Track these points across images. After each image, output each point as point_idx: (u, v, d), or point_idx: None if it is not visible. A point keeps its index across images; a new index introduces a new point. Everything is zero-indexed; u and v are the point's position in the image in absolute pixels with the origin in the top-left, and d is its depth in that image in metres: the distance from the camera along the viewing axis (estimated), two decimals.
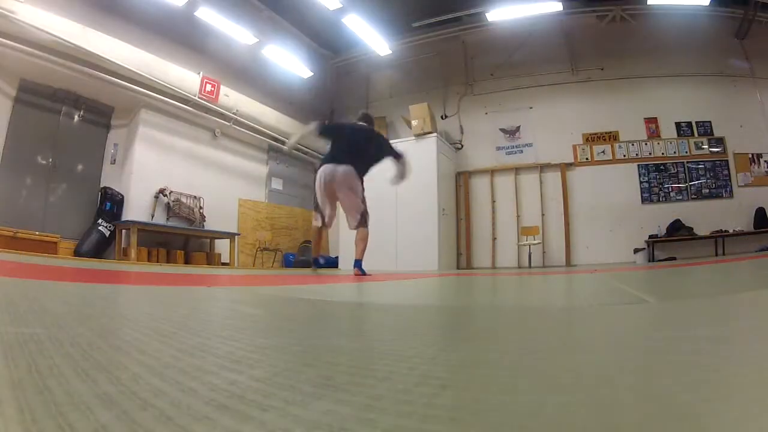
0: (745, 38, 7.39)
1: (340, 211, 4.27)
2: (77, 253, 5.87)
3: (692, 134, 7.47)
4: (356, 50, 9.66)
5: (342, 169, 3.95)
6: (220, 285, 2.10)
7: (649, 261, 6.97)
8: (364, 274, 3.78)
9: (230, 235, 7.42)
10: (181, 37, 7.04)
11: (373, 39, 8.61)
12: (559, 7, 7.75)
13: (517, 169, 8.17)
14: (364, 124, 4.38)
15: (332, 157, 4.06)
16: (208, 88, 7.23)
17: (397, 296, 1.67)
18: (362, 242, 4.01)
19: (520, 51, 8.41)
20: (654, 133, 7.61)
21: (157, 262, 6.29)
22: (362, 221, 4.03)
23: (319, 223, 4.15)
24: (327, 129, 4.39)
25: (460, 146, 8.71)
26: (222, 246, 7.49)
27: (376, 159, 4.27)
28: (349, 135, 4.21)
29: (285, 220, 8.93)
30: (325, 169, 4.02)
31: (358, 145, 4.13)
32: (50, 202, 5.98)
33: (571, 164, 7.90)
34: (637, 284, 2.02)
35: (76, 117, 6.30)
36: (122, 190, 6.38)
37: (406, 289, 2.08)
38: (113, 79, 6.05)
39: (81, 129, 6.36)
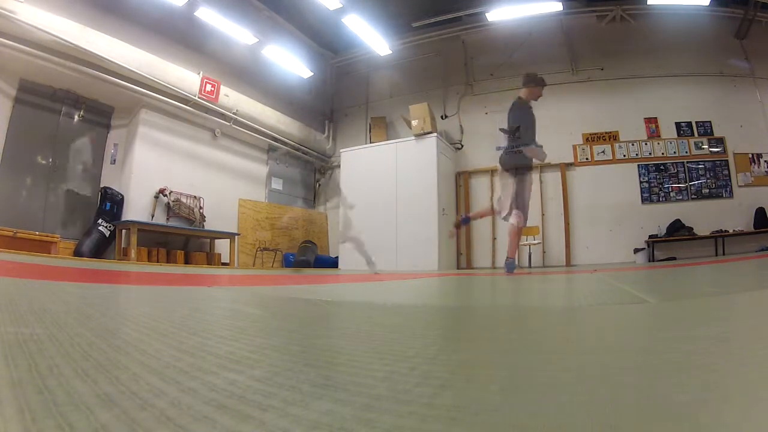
0: (745, 38, 7.39)
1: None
2: (77, 253, 5.86)
3: (692, 134, 7.47)
4: (356, 50, 9.67)
5: None
6: (220, 285, 2.10)
7: (649, 261, 6.97)
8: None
9: (230, 235, 7.42)
10: (181, 37, 7.04)
11: (373, 39, 8.61)
12: (559, 7, 7.75)
13: None
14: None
15: None
16: (208, 88, 7.22)
17: (397, 296, 1.67)
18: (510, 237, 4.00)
19: (520, 51, 8.41)
20: (654, 133, 7.61)
21: (157, 262, 6.28)
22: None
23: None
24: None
25: (460, 146, 8.71)
26: (222, 246, 7.49)
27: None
28: None
29: (285, 220, 8.92)
30: None
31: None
32: (50, 202, 5.98)
33: (571, 164, 7.90)
34: (638, 284, 2.02)
35: (76, 117, 6.29)
36: (122, 190, 6.38)
37: (406, 289, 2.08)
38: (113, 79, 6.05)
39: (81, 129, 6.36)
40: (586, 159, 7.85)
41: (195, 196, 7.15)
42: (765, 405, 0.29)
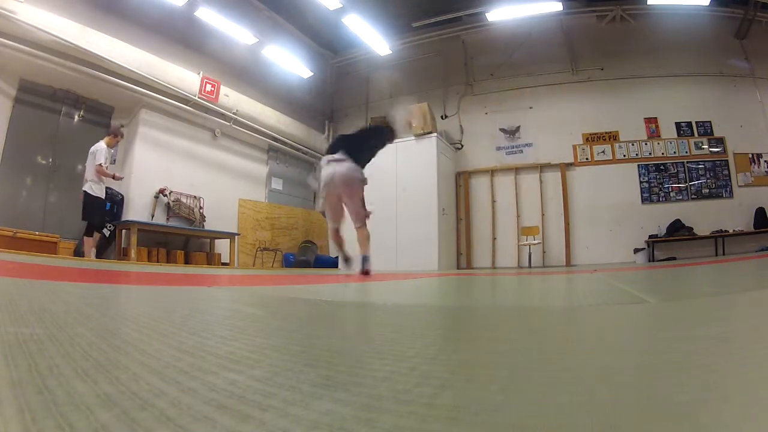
0: (745, 38, 7.39)
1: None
2: (77, 253, 5.86)
3: (692, 134, 7.47)
4: (356, 50, 9.67)
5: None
6: (220, 285, 2.10)
7: (649, 261, 6.97)
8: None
9: (230, 235, 7.42)
10: (181, 37, 7.04)
11: (373, 39, 8.61)
12: (559, 7, 7.75)
13: (517, 169, 8.17)
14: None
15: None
16: (208, 88, 7.22)
17: (397, 296, 1.67)
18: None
19: (520, 51, 8.41)
20: (654, 133, 7.61)
21: (157, 262, 6.28)
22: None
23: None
24: None
25: (460, 146, 8.71)
26: (222, 246, 7.49)
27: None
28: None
29: (285, 220, 8.92)
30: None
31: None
32: (50, 202, 5.98)
33: (571, 164, 7.90)
34: (638, 284, 2.02)
35: (76, 117, 6.29)
36: (122, 190, 6.38)
37: (406, 289, 2.08)
38: (113, 79, 6.05)
39: (81, 129, 6.36)
40: (586, 159, 7.85)
41: (195, 196, 7.15)
42: (765, 405, 0.29)
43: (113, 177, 5.46)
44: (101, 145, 5.31)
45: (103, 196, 5.39)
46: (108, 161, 5.31)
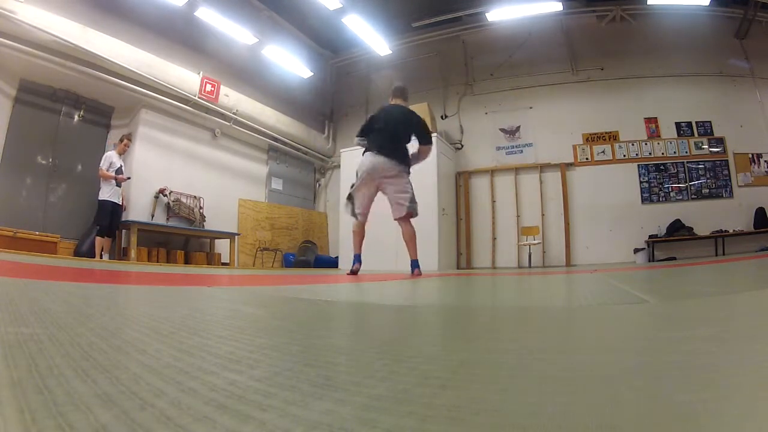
0: (745, 38, 7.39)
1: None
2: (77, 253, 5.86)
3: (692, 134, 7.47)
4: (356, 50, 9.67)
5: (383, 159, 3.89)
6: (220, 285, 2.09)
7: (649, 261, 6.97)
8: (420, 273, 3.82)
9: (230, 235, 7.42)
10: (181, 37, 7.04)
11: (373, 39, 8.61)
12: (559, 7, 7.75)
13: (517, 169, 8.17)
14: (400, 101, 4.12)
15: (373, 146, 3.90)
16: (208, 88, 7.23)
17: (397, 296, 1.67)
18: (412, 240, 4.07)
19: (520, 51, 8.41)
20: (654, 133, 7.62)
21: (157, 262, 6.29)
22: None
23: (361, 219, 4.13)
24: (365, 130, 4.18)
25: (460, 146, 8.71)
26: (222, 246, 7.49)
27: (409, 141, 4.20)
28: (386, 120, 3.98)
29: (285, 220, 8.93)
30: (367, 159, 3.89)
31: (396, 129, 3.94)
32: (50, 202, 5.98)
33: (571, 164, 7.90)
34: (637, 284, 2.02)
35: (76, 117, 6.30)
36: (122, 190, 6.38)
37: (406, 289, 2.08)
38: (113, 79, 6.05)
39: (81, 129, 6.36)
40: (586, 159, 7.86)
41: (195, 196, 7.15)
42: (765, 405, 0.29)
43: (115, 180, 5.59)
44: (109, 151, 5.73)
45: (110, 199, 5.56)
46: (107, 166, 5.56)
